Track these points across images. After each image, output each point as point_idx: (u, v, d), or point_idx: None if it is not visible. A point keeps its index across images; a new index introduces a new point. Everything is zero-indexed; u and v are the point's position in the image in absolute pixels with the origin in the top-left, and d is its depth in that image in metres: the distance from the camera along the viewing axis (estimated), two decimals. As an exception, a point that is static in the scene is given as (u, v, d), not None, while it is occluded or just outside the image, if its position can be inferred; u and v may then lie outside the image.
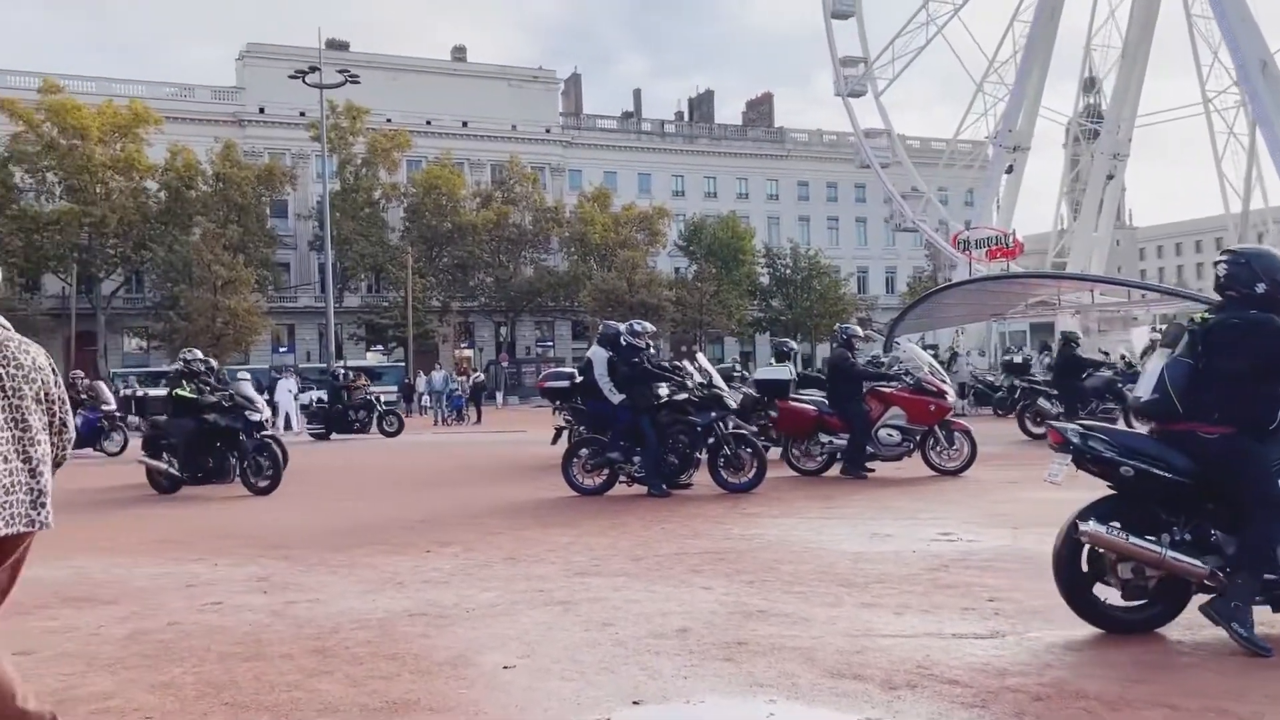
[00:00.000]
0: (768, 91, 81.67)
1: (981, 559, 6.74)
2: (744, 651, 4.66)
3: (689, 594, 5.96)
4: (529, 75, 67.51)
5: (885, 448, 12.07)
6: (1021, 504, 9.40)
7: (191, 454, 12.35)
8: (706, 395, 10.87)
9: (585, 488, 10.98)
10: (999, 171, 52.48)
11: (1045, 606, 5.27)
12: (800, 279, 63.51)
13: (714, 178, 72.65)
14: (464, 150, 62.24)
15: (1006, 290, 40.19)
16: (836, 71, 54.61)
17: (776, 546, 7.57)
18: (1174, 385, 4.60)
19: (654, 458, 10.61)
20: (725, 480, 10.74)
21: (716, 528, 8.53)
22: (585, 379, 11.39)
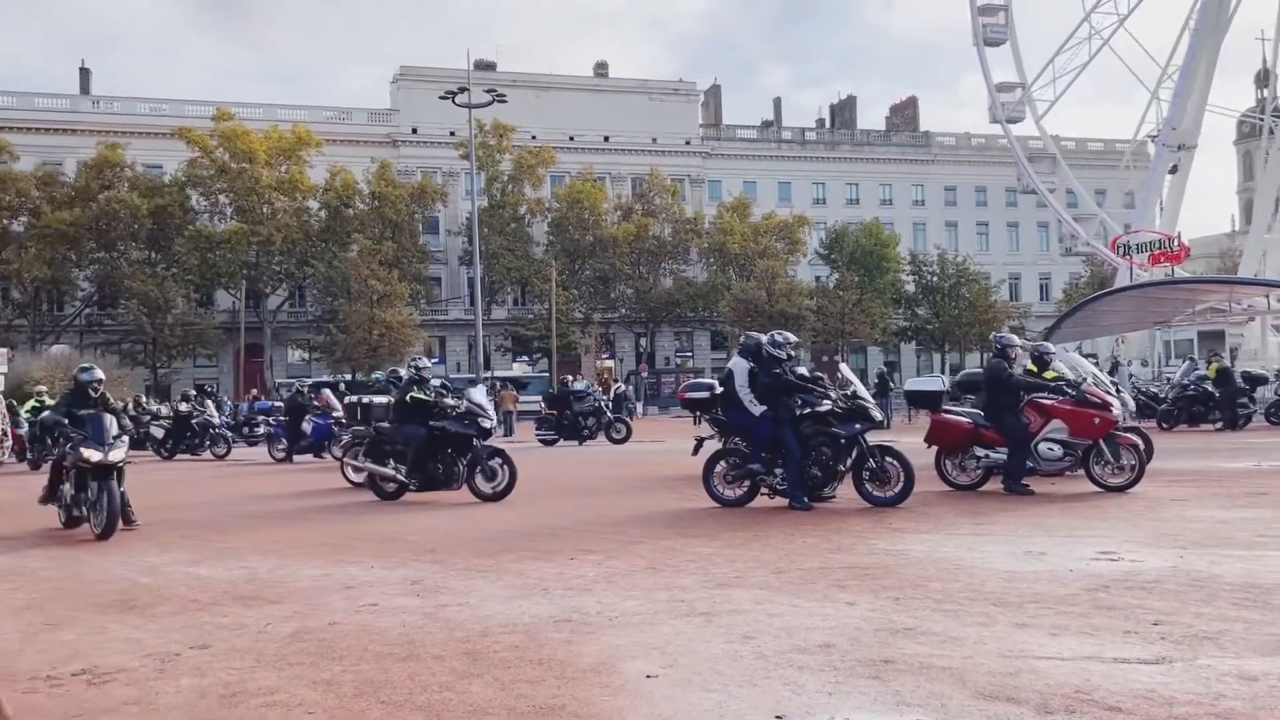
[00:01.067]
0: (912, 95, 79.94)
1: (1145, 580, 6.38)
2: (890, 670, 4.56)
3: (833, 609, 5.87)
4: (669, 88, 68.09)
5: (1045, 462, 11.51)
6: (1191, 524, 8.86)
7: (421, 460, 12.40)
8: (850, 406, 10.64)
9: (726, 499, 10.93)
10: (1162, 172, 49.75)
11: (1217, 632, 4.95)
12: (948, 286, 61.76)
13: (856, 184, 71.45)
14: (605, 164, 63.23)
15: (1171, 296, 38.02)
16: (992, 98, 53.12)
17: (924, 563, 7.36)
18: None
19: (797, 470, 10.46)
20: (870, 494, 10.50)
21: (860, 542, 8.36)
22: (726, 390, 11.29)
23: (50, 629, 5.97)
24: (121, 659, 5.18)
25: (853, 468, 10.65)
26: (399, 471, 12.59)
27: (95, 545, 9.61)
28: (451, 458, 12.54)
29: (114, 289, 50.23)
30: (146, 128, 54.48)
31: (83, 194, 48.48)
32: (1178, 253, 41.11)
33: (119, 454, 10.13)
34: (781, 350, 10.81)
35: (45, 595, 7.09)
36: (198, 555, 8.71)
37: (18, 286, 50.22)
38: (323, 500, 13.41)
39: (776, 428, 10.53)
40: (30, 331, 49.18)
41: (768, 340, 10.97)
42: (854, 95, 79.65)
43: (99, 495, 9.84)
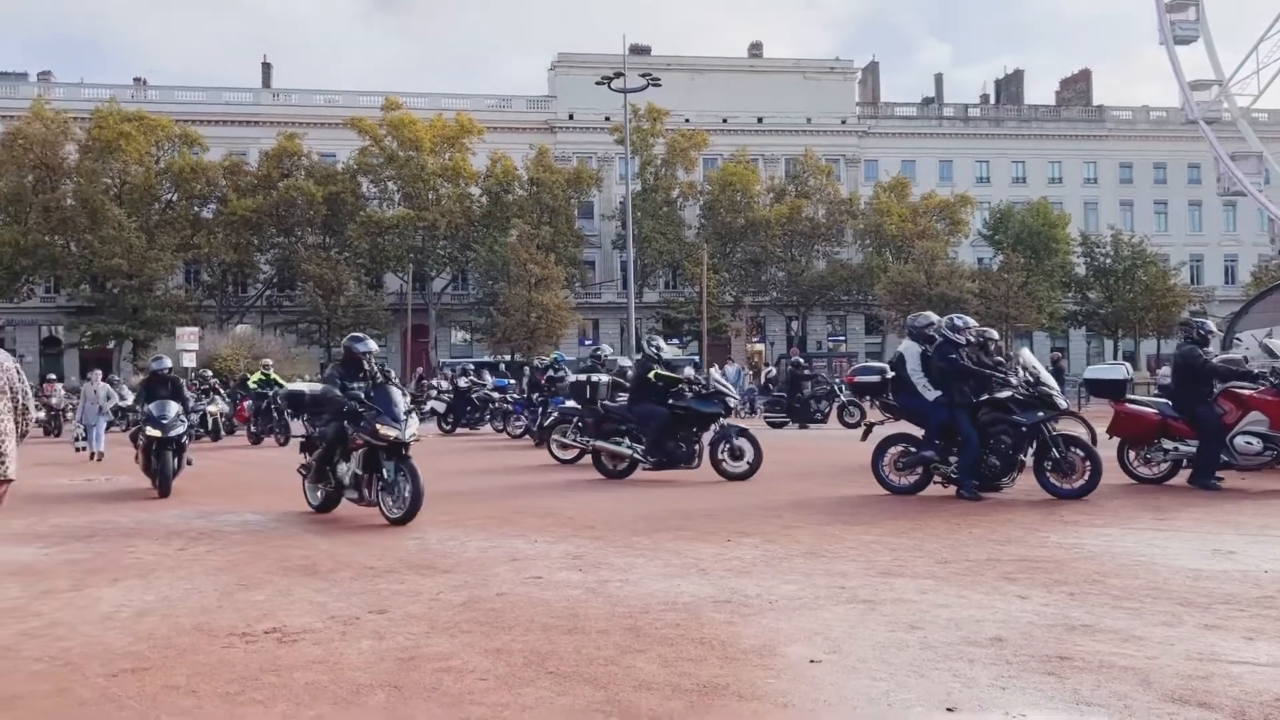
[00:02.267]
0: (1085, 68, 75.78)
1: None
2: (1068, 667, 4.37)
3: (1003, 602, 5.67)
4: (825, 67, 66.79)
5: (1242, 456, 10.70)
6: None
7: (661, 438, 12.34)
8: (1033, 394, 10.13)
9: (897, 486, 10.65)
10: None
11: None
12: (1122, 269, 58.40)
13: (1023, 162, 68.35)
14: (758, 146, 62.64)
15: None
16: (1186, 96, 49.80)
17: (1101, 558, 7.02)
18: None
19: (972, 458, 10.04)
20: (1053, 485, 9.99)
21: (1031, 534, 8.04)
22: (897, 374, 10.91)
23: (243, 589, 6.40)
24: (307, 620, 5.50)
25: (1034, 458, 10.19)
26: (634, 450, 12.63)
27: (281, 513, 10.23)
28: (694, 435, 12.57)
29: (291, 272, 53.16)
30: (322, 118, 57.30)
31: (264, 182, 51.47)
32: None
33: (414, 430, 9.43)
34: (961, 335, 10.39)
35: (240, 559, 7.61)
36: (375, 525, 9.16)
37: (207, 270, 53.83)
38: (505, 478, 13.87)
39: (952, 414, 10.16)
40: (218, 312, 52.69)
41: (946, 323, 10.57)
42: (1021, 69, 76.18)
43: (395, 476, 9.09)
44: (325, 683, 4.35)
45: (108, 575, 6.96)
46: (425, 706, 4.02)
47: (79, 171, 48.45)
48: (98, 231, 47.14)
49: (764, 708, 3.95)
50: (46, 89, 55.77)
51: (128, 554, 7.84)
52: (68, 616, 5.72)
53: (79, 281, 50.50)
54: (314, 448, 10.09)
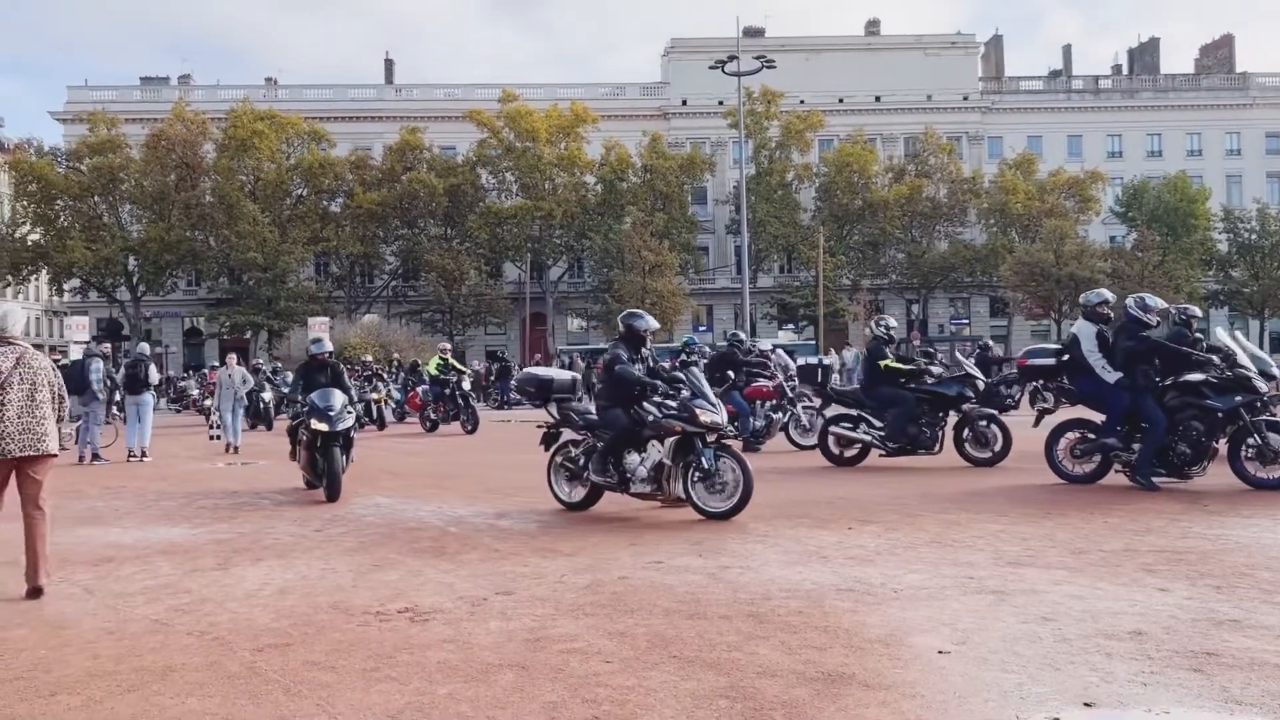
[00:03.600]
0: (1228, 34, 71.44)
1: None
2: (1214, 663, 4.17)
3: (1142, 594, 5.44)
4: (946, 42, 64.80)
5: None
6: None
7: (903, 423, 12.16)
8: (1230, 376, 9.47)
9: (1073, 475, 10.12)
10: None
11: None
12: (1269, 245, 55.07)
13: (1158, 135, 65.00)
14: (876, 125, 61.28)
15: None
16: None
17: (1250, 549, 6.66)
18: None
19: (1157, 445, 9.45)
20: (1251, 474, 9.35)
21: (1173, 524, 7.68)
22: (1072, 355, 10.34)
23: (377, 570, 6.64)
24: (437, 600, 5.67)
25: (1230, 445, 9.54)
26: (871, 434, 12.46)
27: (409, 495, 10.55)
28: (939, 419, 12.45)
29: (415, 263, 54.63)
30: (441, 112, 58.67)
31: (389, 176, 53.02)
32: None
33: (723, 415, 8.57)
34: (1150, 314, 9.88)
35: (371, 540, 7.89)
36: (502, 509, 9.37)
37: (335, 261, 55.81)
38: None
39: (1135, 397, 9.62)
40: (346, 302, 54.63)
41: (1136, 302, 9.98)
42: (1156, 37, 72.46)
43: (715, 464, 8.30)
44: (456, 661, 4.48)
45: (251, 555, 7.31)
46: (552, 687, 4.09)
47: (216, 169, 50.91)
48: (234, 227, 49.47)
49: (892, 697, 3.89)
50: (186, 92, 58.73)
51: (268, 535, 8.22)
52: (215, 593, 6.04)
53: (218, 275, 53.09)
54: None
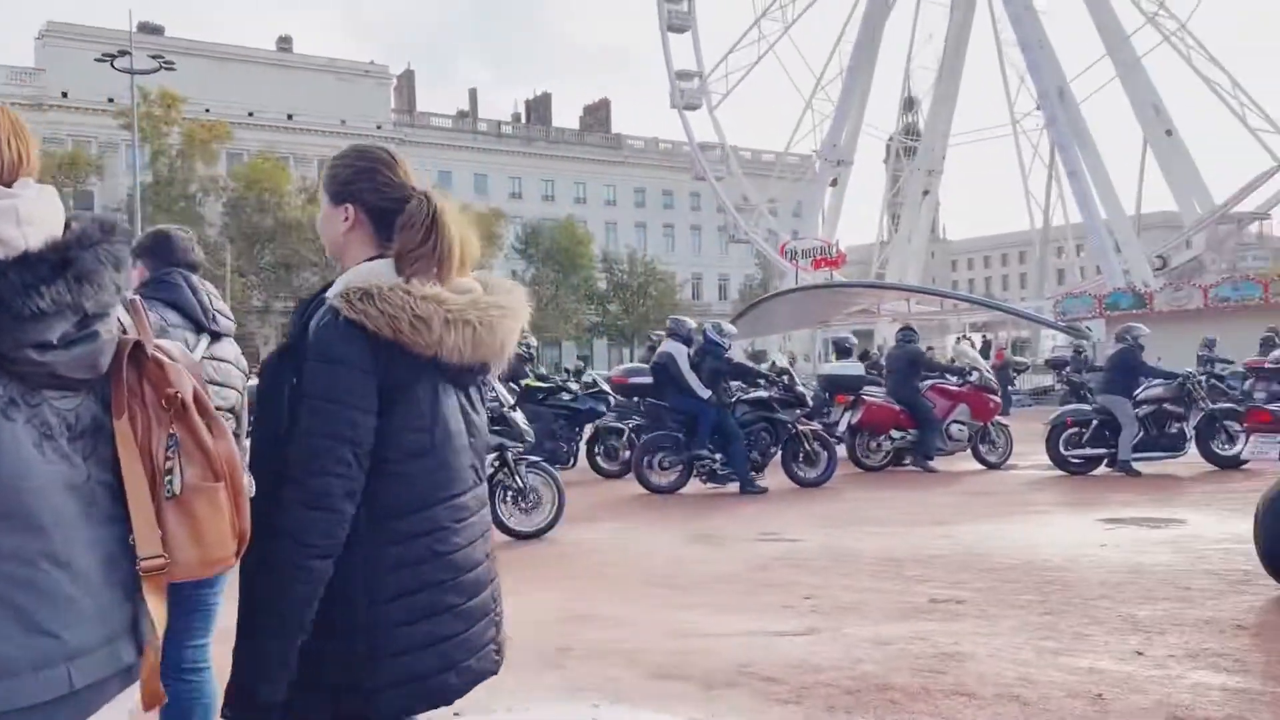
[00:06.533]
0: (605, 97, 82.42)
1: (801, 557, 6.95)
2: (568, 657, 4.64)
3: (512, 601, 5.89)
4: (359, 69, 65.63)
5: (954, 443, 12.60)
6: (844, 504, 9.78)
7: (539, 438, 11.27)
8: (789, 394, 11.16)
9: (658, 485, 10.84)
10: (824, 184, 54.67)
11: (858, 602, 5.48)
12: (637, 284, 64.21)
13: (552, 181, 72.55)
14: (289, 144, 59.89)
15: (831, 298, 41.83)
16: (672, 84, 55.85)
17: (606, 550, 7.59)
18: None
19: (745, 454, 10.72)
20: (801, 476, 11.06)
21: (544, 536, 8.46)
22: (666, 374, 11.03)
23: None
24: None
25: (782, 451, 11.14)
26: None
27: None
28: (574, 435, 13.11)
29: None
30: None
31: None
32: (836, 258, 45.28)
33: None
34: (725, 339, 11.16)
35: None
36: None
37: None
38: None
39: (720, 412, 10.72)
40: None
41: (713, 329, 11.25)
42: (549, 92, 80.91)
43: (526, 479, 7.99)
44: None
45: None
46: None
47: None
48: None
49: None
50: None
51: None
52: None
53: None
54: None
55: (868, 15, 51.87)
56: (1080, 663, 4.23)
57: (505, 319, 1.80)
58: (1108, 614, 5.03)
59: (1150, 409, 11.36)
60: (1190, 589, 5.54)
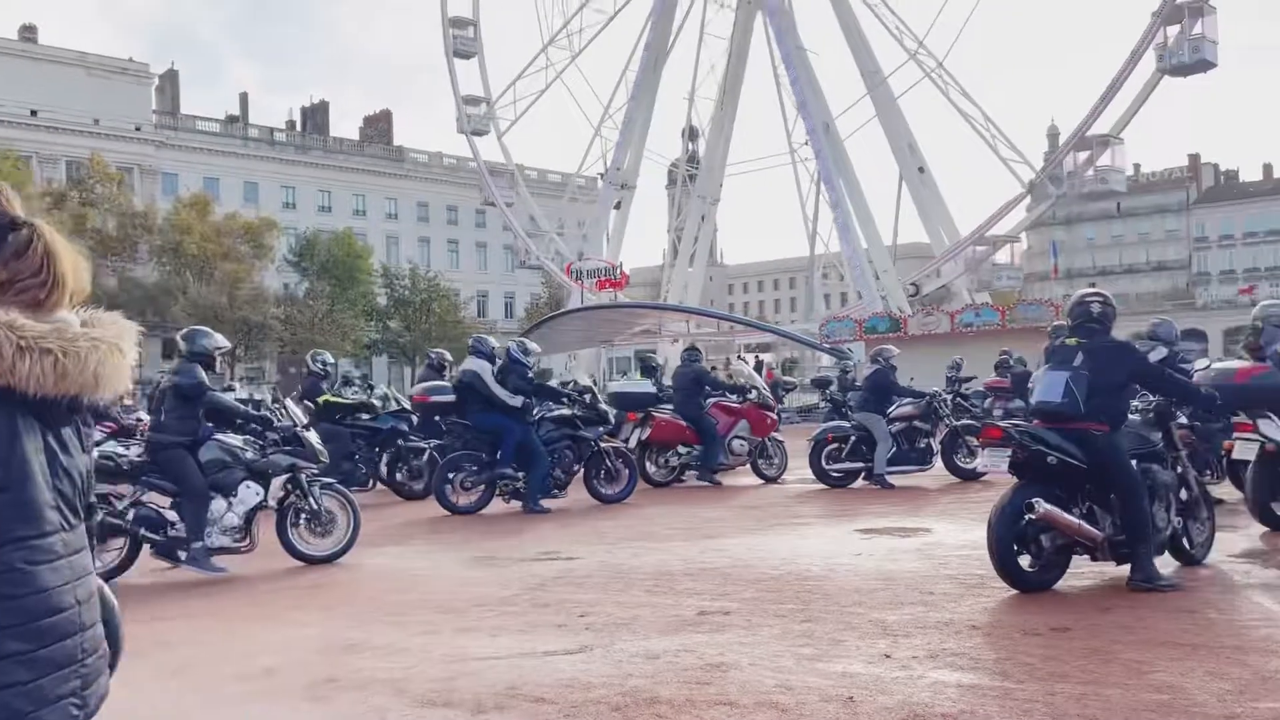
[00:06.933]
0: (386, 109, 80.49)
1: (578, 575, 7.00)
2: (334, 688, 4.46)
3: (282, 631, 5.61)
4: (116, 66, 61.02)
5: (736, 457, 13.04)
6: (626, 520, 9.94)
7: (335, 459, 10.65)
8: (592, 412, 11.24)
9: (460, 507, 10.58)
10: (609, 207, 55.64)
11: (631, 618, 5.58)
12: (419, 301, 62.88)
13: (329, 192, 70.05)
14: (32, 142, 54.87)
15: (614, 319, 42.61)
16: (459, 110, 55.47)
17: (384, 576, 7.36)
18: (1079, 392, 5.90)
19: (545, 473, 10.67)
20: (602, 492, 11.21)
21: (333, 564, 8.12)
22: (471, 391, 10.79)
23: None
24: None
25: (584, 469, 11.24)
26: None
27: None
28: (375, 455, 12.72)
29: None
30: None
31: None
32: (620, 280, 46.15)
33: None
34: (530, 357, 11.14)
35: None
36: None
37: None
38: None
39: (526, 430, 10.64)
40: None
41: (517, 347, 11.21)
42: (327, 101, 78.21)
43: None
44: None
45: None
46: None
47: None
48: None
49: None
50: None
51: None
52: None
53: None
54: None
55: (649, 45, 53.37)
56: (834, 667, 4.48)
57: (98, 351, 1.71)
58: (861, 619, 5.36)
59: (901, 425, 12.27)
60: (933, 593, 5.98)
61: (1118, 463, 5.93)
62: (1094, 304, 6.37)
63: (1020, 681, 4.19)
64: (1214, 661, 4.36)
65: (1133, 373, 6.23)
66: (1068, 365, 6.08)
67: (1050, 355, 6.37)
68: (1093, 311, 6.32)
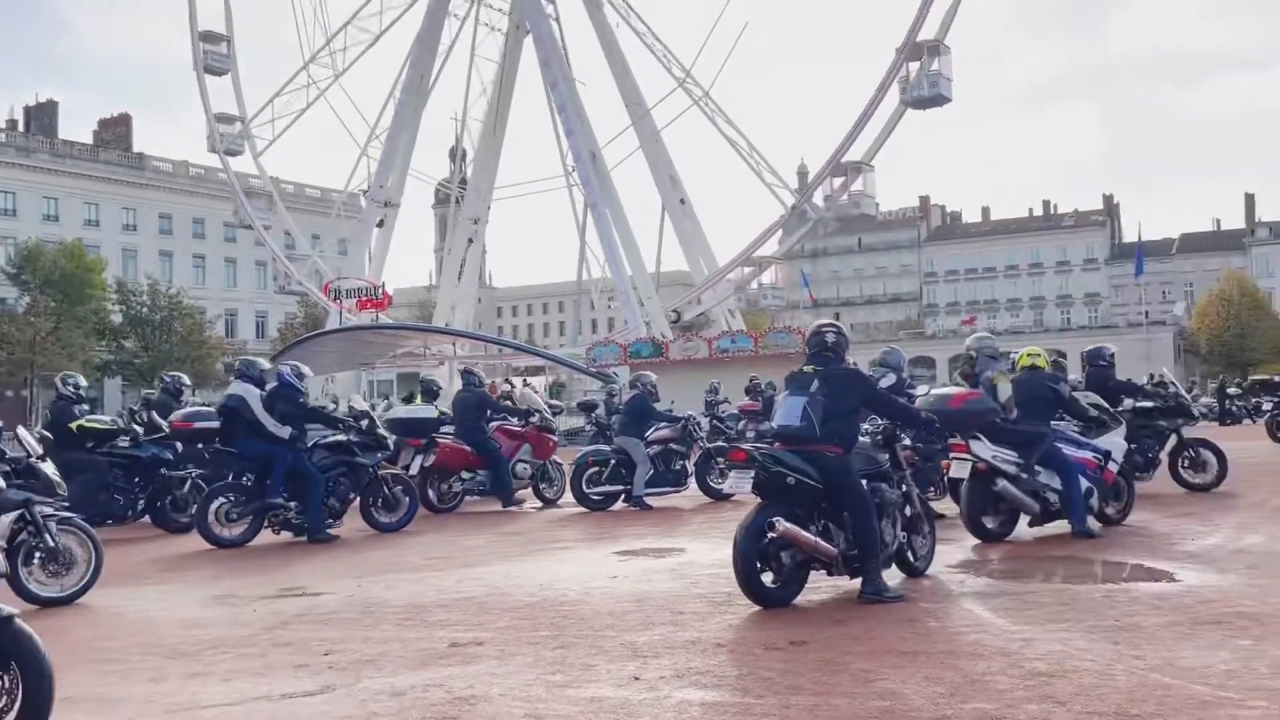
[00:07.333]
0: (125, 113, 74.60)
1: (324, 611, 6.68)
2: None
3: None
4: None
5: (519, 481, 13.01)
6: (383, 550, 9.60)
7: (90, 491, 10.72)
8: (370, 437, 10.86)
9: (224, 540, 9.94)
10: (371, 225, 54.07)
11: (379, 654, 5.37)
12: (159, 319, 58.40)
13: (55, 199, 64.03)
14: None
15: (377, 340, 41.37)
16: (211, 128, 52.83)
17: (114, 619, 6.73)
18: (815, 416, 6.22)
19: (321, 502, 10.22)
20: (379, 521, 10.78)
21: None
22: (237, 418, 10.17)
23: None
24: None
25: (361, 496, 10.79)
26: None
27: None
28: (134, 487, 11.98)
29: None
30: None
31: None
32: (382, 300, 44.87)
33: None
34: (304, 382, 10.68)
35: None
36: None
37: None
38: None
39: (297, 457, 10.16)
40: None
41: (290, 371, 10.67)
42: (56, 100, 71.68)
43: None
44: None
45: None
46: None
47: None
48: None
49: None
50: None
51: None
52: None
53: None
54: None
55: (414, 63, 52.51)
56: (584, 693, 4.50)
57: None
58: (612, 643, 5.42)
59: (659, 448, 12.61)
60: (683, 613, 6.15)
61: (849, 482, 6.33)
62: (829, 334, 6.80)
63: (760, 696, 4.37)
64: (930, 667, 4.71)
65: (863, 398, 6.70)
66: (805, 391, 6.44)
67: (790, 382, 6.72)
68: (828, 341, 6.74)
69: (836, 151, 46.48)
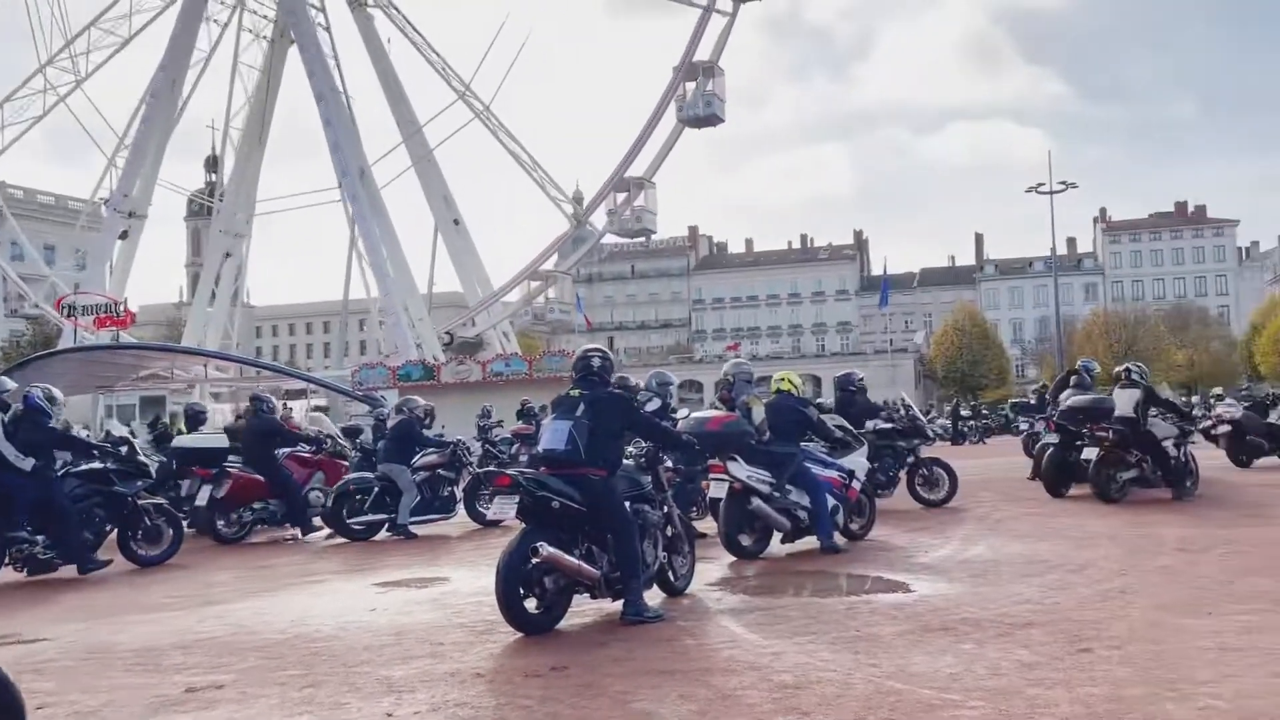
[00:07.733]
0: None
1: (42, 659, 6.02)
2: None
3: None
4: None
5: (313, 509, 12.54)
6: (118, 589, 8.80)
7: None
8: (128, 465, 10.25)
9: None
10: (113, 237, 50.04)
11: (103, 704, 4.91)
12: None
13: None
14: None
15: (117, 361, 38.22)
16: None
17: None
18: (581, 439, 6.28)
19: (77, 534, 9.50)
20: (139, 555, 10.14)
21: None
22: None
23: None
24: None
25: (120, 528, 10.13)
26: None
27: None
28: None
29: None
30: None
31: None
32: (124, 318, 41.52)
33: None
34: (57, 407, 9.84)
35: None
36: None
37: None
38: None
39: (47, 487, 9.41)
40: None
41: (43, 394, 9.66)
42: None
43: None
44: None
45: None
46: None
47: None
48: None
49: None
50: None
51: None
52: None
53: None
54: None
55: (165, 66, 49.25)
56: (332, 734, 4.27)
57: None
58: (367, 679, 5.19)
59: (425, 475, 12.30)
60: (444, 644, 5.98)
61: (613, 505, 6.40)
62: (594, 358, 6.88)
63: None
64: (686, 685, 4.81)
65: (627, 422, 6.80)
66: (571, 414, 6.47)
67: (556, 406, 6.73)
68: (593, 365, 6.81)
69: (619, 167, 47.41)
